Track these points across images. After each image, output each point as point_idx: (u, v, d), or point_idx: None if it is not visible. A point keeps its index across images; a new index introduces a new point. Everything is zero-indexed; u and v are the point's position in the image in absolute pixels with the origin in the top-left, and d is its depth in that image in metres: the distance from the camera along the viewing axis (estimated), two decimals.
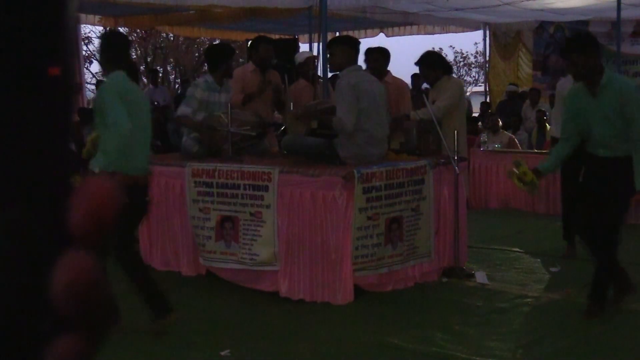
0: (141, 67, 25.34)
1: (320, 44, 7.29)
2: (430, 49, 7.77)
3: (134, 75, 4.83)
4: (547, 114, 10.84)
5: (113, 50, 4.38)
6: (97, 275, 0.37)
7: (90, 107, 12.91)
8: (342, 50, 5.50)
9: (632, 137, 4.55)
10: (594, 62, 4.57)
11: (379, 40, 13.93)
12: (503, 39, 14.57)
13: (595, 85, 4.60)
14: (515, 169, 4.77)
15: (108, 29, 10.89)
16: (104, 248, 0.37)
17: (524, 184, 4.71)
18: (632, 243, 6.89)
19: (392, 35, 13.80)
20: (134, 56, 25.85)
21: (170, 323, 4.34)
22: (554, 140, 6.11)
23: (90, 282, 0.36)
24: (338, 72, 5.64)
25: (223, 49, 6.61)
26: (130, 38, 24.23)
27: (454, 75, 6.87)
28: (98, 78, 20.40)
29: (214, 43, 10.06)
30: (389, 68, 6.87)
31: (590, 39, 4.82)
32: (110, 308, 0.38)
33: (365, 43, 11.64)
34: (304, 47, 11.96)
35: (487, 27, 14.15)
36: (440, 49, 23.71)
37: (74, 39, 0.42)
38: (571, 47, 4.76)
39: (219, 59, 6.21)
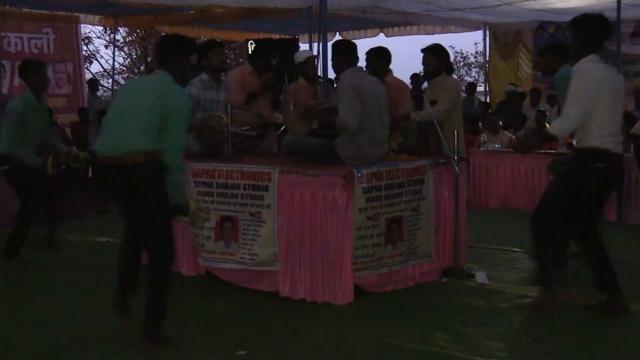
0: (141, 67, 25.36)
1: (320, 44, 7.28)
2: None
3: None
4: (548, 114, 10.85)
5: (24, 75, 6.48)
6: None
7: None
8: (341, 55, 5.53)
9: None
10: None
11: (379, 40, 13.93)
12: (503, 39, 14.56)
13: None
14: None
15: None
16: None
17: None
18: (632, 243, 6.89)
19: (392, 35, 13.80)
20: (134, 56, 25.89)
21: None
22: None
23: None
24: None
25: (199, 48, 6.56)
26: (130, 38, 24.32)
27: (454, 75, 6.85)
28: (96, 77, 20.42)
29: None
30: (390, 68, 6.86)
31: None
32: None
33: (365, 43, 11.65)
34: (304, 47, 11.95)
35: (487, 27, 14.15)
36: None
37: None
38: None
39: (198, 58, 6.37)
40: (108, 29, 19.69)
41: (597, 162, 4.61)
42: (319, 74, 7.40)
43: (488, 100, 14.39)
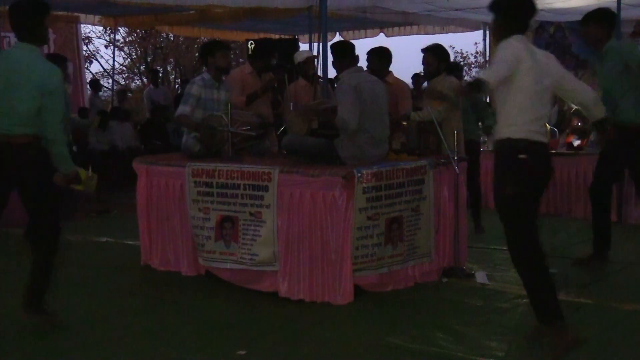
0: (141, 67, 25.38)
1: (320, 44, 7.28)
2: None
3: None
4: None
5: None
6: None
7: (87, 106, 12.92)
8: (340, 57, 5.56)
9: None
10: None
11: (379, 40, 13.92)
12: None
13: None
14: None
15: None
16: None
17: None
18: (632, 243, 6.89)
19: (392, 35, 13.79)
20: (134, 56, 25.89)
21: None
22: None
23: None
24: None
25: (207, 45, 6.70)
26: (130, 38, 24.34)
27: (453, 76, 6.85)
28: (97, 77, 20.40)
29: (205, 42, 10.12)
30: (390, 68, 6.87)
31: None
32: None
33: (365, 43, 11.64)
34: (304, 47, 11.95)
35: (487, 27, 14.12)
36: None
37: None
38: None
39: (204, 54, 6.40)
40: (108, 29, 19.71)
41: (519, 154, 4.08)
42: (319, 74, 7.40)
43: (488, 100, 14.39)
